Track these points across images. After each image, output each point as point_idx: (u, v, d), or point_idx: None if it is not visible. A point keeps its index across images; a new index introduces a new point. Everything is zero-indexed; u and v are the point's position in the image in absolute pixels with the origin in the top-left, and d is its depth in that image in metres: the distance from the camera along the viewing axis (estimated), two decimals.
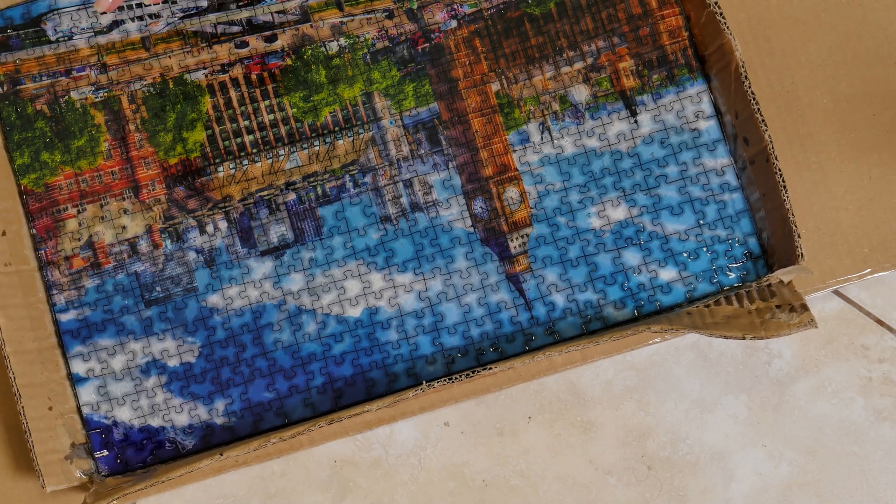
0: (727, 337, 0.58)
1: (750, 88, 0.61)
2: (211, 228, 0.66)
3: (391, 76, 0.67)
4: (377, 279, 0.65)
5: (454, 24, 0.67)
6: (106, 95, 0.67)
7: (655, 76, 0.66)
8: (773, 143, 0.60)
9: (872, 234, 0.65)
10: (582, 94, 0.67)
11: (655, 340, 0.65)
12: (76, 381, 0.65)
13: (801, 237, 0.59)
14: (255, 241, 0.66)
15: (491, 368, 0.60)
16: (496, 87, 0.67)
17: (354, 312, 0.65)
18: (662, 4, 0.66)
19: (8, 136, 0.67)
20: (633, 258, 0.65)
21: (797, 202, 0.64)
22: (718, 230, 0.65)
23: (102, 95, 0.67)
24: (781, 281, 0.62)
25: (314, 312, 0.65)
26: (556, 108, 0.67)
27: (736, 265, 0.64)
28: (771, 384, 0.69)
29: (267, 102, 0.67)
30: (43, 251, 0.66)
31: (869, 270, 0.65)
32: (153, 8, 0.67)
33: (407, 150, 0.67)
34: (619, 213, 0.65)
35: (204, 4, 0.67)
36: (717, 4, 0.62)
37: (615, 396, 0.69)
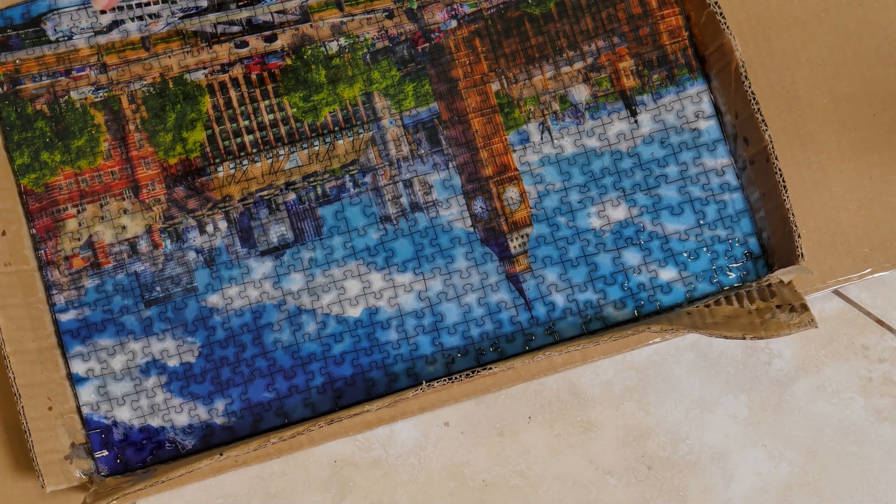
0: (727, 337, 0.58)
1: (750, 88, 0.61)
2: (211, 228, 0.66)
3: (391, 76, 0.67)
4: (377, 279, 0.65)
5: (454, 24, 0.67)
6: (106, 95, 0.67)
7: (655, 76, 0.66)
8: (773, 142, 0.60)
9: (872, 233, 0.65)
10: (582, 93, 0.67)
11: (655, 340, 0.65)
12: (76, 381, 0.65)
13: (801, 237, 0.59)
14: (255, 241, 0.66)
15: (491, 368, 0.60)
16: (496, 87, 0.67)
17: (354, 312, 0.65)
18: (662, 4, 0.66)
19: (8, 136, 0.67)
20: (633, 258, 0.65)
21: (797, 202, 0.64)
22: (718, 230, 0.65)
23: (102, 95, 0.67)
24: (781, 281, 0.62)
25: (314, 312, 0.65)
26: (556, 107, 0.67)
27: (736, 265, 0.64)
28: (771, 384, 0.69)
29: (267, 102, 0.67)
30: (43, 251, 0.66)
31: (869, 270, 0.65)
32: (153, 7, 0.67)
33: (407, 150, 0.67)
34: (619, 213, 0.65)
35: (204, 4, 0.67)
36: (717, 4, 0.62)
37: (615, 396, 0.69)
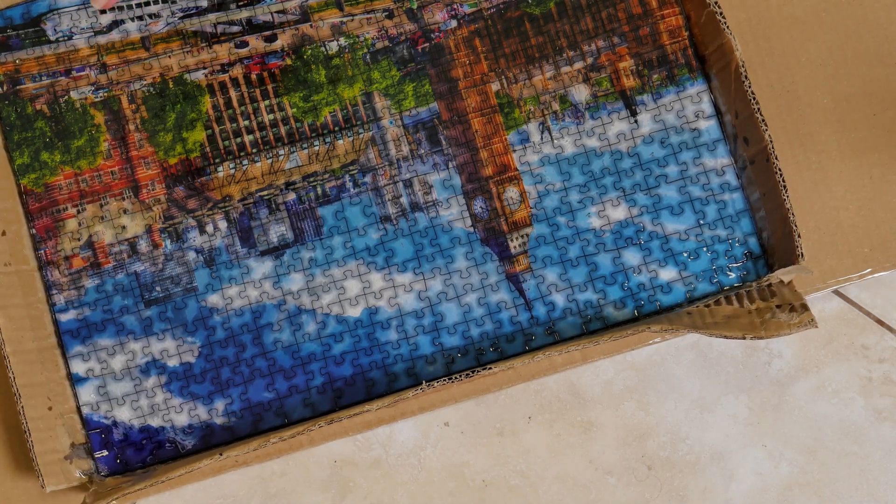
0: (727, 337, 0.58)
1: (750, 88, 0.61)
2: (211, 228, 0.66)
3: (391, 76, 0.67)
4: (377, 279, 0.65)
5: (454, 23, 0.67)
6: (106, 95, 0.67)
7: (655, 76, 0.66)
8: (773, 142, 0.60)
9: (873, 233, 0.65)
10: (582, 93, 0.67)
11: (655, 340, 0.65)
12: (76, 381, 0.65)
13: (801, 237, 0.59)
14: (254, 240, 0.66)
15: (491, 368, 0.60)
16: (496, 86, 0.67)
17: (354, 312, 0.65)
18: (662, 4, 0.66)
19: (8, 136, 0.67)
20: (633, 258, 0.65)
21: (797, 202, 0.64)
22: (718, 230, 0.65)
23: (102, 95, 0.67)
24: (781, 281, 0.62)
25: (314, 312, 0.65)
26: (556, 107, 0.67)
27: (736, 265, 0.64)
28: (771, 384, 0.68)
29: (267, 102, 0.67)
30: (43, 251, 0.66)
31: (869, 270, 0.65)
32: (153, 7, 0.67)
33: (407, 149, 0.67)
34: (619, 212, 0.65)
35: (204, 4, 0.67)
36: (717, 4, 0.62)
37: (615, 396, 0.69)
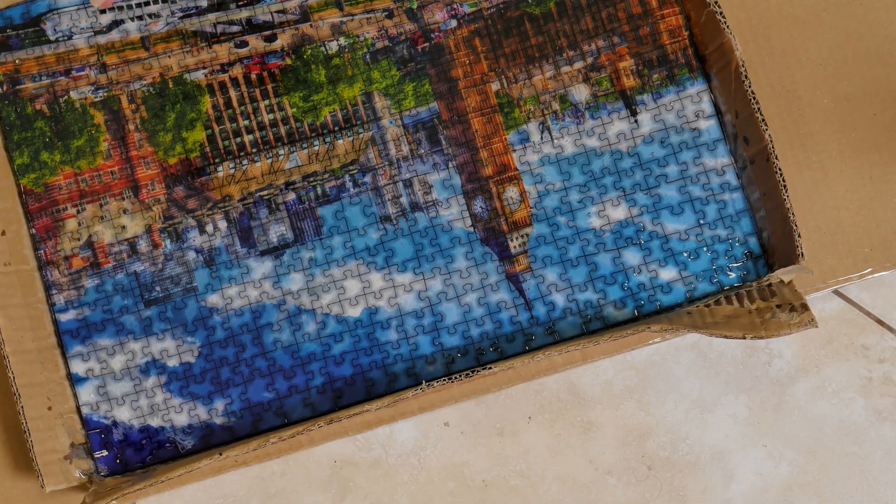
0: (727, 337, 0.58)
1: (750, 88, 0.61)
2: (210, 228, 0.66)
3: (391, 76, 0.67)
4: (377, 279, 0.65)
5: (454, 23, 0.67)
6: (105, 95, 0.67)
7: (655, 76, 0.66)
8: (773, 142, 0.60)
9: (873, 233, 0.65)
10: (582, 93, 0.67)
11: (655, 340, 0.64)
12: (75, 380, 0.65)
13: (801, 237, 0.59)
14: (254, 240, 0.66)
15: (491, 368, 0.60)
16: (496, 86, 0.67)
17: (354, 312, 0.65)
18: (662, 4, 0.66)
19: (7, 135, 0.67)
20: (633, 258, 0.65)
21: (797, 202, 0.64)
22: (719, 230, 0.65)
23: (102, 95, 0.67)
24: (782, 280, 0.62)
25: (314, 312, 0.65)
26: (556, 107, 0.66)
27: (736, 265, 0.64)
28: (771, 384, 0.68)
29: (267, 102, 0.67)
30: (42, 251, 0.66)
31: (869, 270, 0.65)
32: (153, 7, 0.67)
33: (407, 149, 0.67)
34: (619, 212, 0.65)
35: (203, 4, 0.67)
36: (717, 4, 0.62)
37: (615, 396, 0.69)
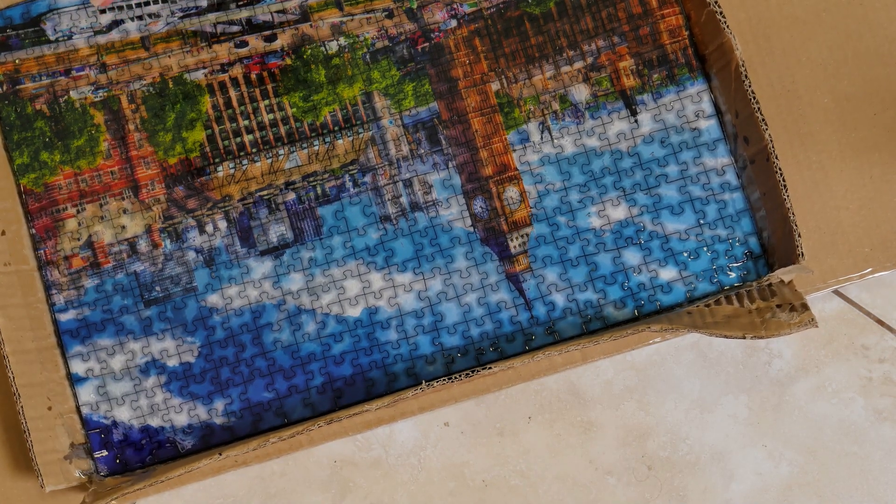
0: (727, 336, 0.58)
1: (750, 87, 0.61)
2: (210, 228, 0.66)
3: (391, 76, 0.67)
4: (377, 279, 0.65)
5: (454, 23, 0.67)
6: (105, 95, 0.67)
7: (655, 75, 0.66)
8: (773, 142, 0.60)
9: (873, 233, 0.65)
10: (582, 93, 0.67)
11: (655, 340, 0.64)
12: (75, 380, 0.65)
13: (801, 236, 0.59)
14: (254, 240, 0.66)
15: (491, 368, 0.60)
16: (496, 86, 0.67)
17: (354, 312, 0.65)
18: (662, 4, 0.66)
19: (7, 135, 0.67)
20: (633, 258, 0.65)
21: (798, 201, 0.64)
22: (719, 229, 0.65)
23: (102, 95, 0.67)
24: (782, 280, 0.62)
25: (314, 312, 0.65)
26: (556, 107, 0.66)
27: (736, 265, 0.64)
28: (771, 384, 0.68)
29: (266, 102, 0.67)
30: (42, 251, 0.66)
31: (870, 270, 0.65)
32: (153, 7, 0.67)
33: (407, 149, 0.67)
34: (619, 212, 0.65)
35: (203, 4, 0.67)
36: (717, 3, 0.62)
37: (615, 396, 0.69)
